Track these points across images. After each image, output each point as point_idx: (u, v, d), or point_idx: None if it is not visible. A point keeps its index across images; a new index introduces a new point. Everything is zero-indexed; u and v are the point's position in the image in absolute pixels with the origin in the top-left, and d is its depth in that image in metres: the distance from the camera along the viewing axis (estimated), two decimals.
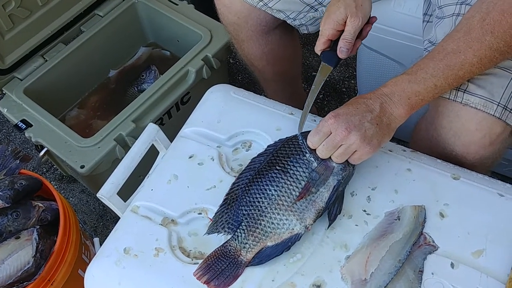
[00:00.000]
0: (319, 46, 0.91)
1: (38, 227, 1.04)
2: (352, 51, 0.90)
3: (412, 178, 0.87)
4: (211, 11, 1.31)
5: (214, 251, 0.82)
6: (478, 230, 0.81)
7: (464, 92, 0.84)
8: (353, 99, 0.84)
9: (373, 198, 0.86)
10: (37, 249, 1.01)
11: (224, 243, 0.82)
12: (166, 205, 0.88)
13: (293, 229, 0.81)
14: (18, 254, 1.01)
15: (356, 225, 0.83)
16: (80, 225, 1.19)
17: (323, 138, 0.82)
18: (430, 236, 0.81)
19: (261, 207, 0.83)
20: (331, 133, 0.81)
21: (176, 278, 0.80)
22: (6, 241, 1.03)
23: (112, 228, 0.89)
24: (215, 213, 0.85)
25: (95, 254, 0.95)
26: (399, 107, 0.81)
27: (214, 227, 0.84)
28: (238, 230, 0.82)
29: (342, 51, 0.89)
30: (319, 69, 0.91)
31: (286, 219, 0.81)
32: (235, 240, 0.82)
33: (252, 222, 0.82)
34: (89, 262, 0.87)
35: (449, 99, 0.85)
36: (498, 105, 0.83)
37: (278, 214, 0.82)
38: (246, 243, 0.81)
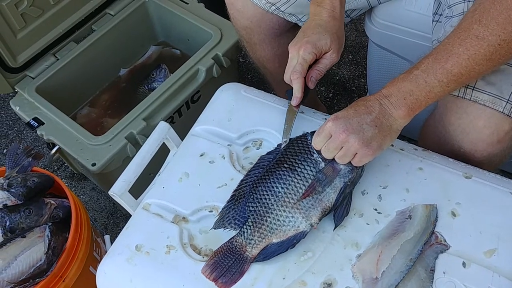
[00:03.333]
0: (301, 72, 0.87)
1: (50, 224, 1.05)
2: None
3: (424, 177, 0.87)
4: (221, 10, 1.32)
5: (220, 247, 0.82)
6: (490, 229, 0.80)
7: (473, 90, 0.84)
8: (354, 102, 0.84)
9: (384, 197, 0.86)
10: (49, 246, 1.02)
11: (230, 239, 0.83)
12: (177, 203, 0.89)
13: (298, 226, 0.81)
14: (31, 251, 1.02)
15: (367, 224, 0.83)
16: (91, 222, 1.20)
17: (325, 140, 0.82)
18: (442, 235, 0.81)
19: (267, 204, 0.83)
20: (332, 135, 0.81)
21: (187, 275, 0.81)
22: (19, 238, 1.04)
23: (122, 226, 0.90)
24: (222, 208, 0.86)
25: (106, 251, 0.96)
26: (398, 108, 0.80)
27: (221, 222, 0.85)
28: (245, 226, 0.83)
29: (312, 81, 0.89)
30: (288, 108, 0.93)
31: (292, 217, 0.82)
32: (241, 236, 0.82)
33: (258, 219, 0.83)
34: (100, 259, 0.88)
35: (457, 96, 0.85)
36: (507, 102, 0.83)
37: (284, 211, 0.82)
38: (252, 239, 0.81)
